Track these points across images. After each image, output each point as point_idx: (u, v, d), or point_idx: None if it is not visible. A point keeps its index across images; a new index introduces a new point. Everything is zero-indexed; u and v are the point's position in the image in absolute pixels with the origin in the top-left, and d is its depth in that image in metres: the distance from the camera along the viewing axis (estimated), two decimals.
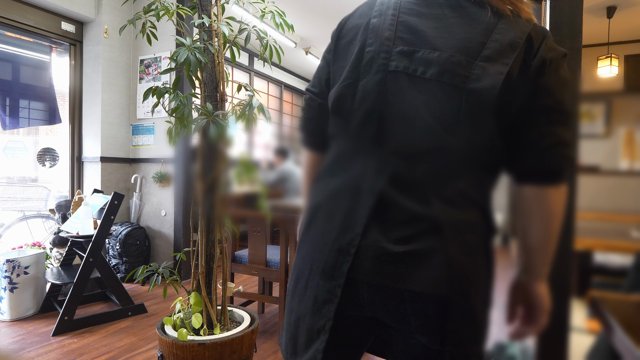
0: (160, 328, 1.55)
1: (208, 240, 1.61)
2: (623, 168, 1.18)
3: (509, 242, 2.16)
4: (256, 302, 2.60)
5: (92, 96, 3.33)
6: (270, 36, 1.67)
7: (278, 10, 1.66)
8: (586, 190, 1.05)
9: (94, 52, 3.30)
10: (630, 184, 1.19)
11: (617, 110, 1.15)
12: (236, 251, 2.29)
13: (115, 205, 2.42)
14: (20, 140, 3.34)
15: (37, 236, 3.14)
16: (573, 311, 1.02)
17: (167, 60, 3.33)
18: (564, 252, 0.95)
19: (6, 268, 2.38)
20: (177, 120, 1.57)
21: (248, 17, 1.71)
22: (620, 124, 1.11)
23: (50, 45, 3.24)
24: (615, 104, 1.18)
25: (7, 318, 2.40)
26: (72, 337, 2.19)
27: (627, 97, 1.32)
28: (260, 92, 1.75)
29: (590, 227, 1.10)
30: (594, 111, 1.16)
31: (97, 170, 3.30)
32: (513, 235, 2.16)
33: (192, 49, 1.46)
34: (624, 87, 3.58)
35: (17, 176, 3.36)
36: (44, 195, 3.19)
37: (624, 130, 1.08)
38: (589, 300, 0.96)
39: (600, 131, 1.14)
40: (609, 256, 1.05)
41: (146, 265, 1.63)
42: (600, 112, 1.16)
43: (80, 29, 3.34)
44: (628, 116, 1.12)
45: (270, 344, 2.14)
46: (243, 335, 1.52)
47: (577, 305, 1.04)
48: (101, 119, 3.29)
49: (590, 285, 1.03)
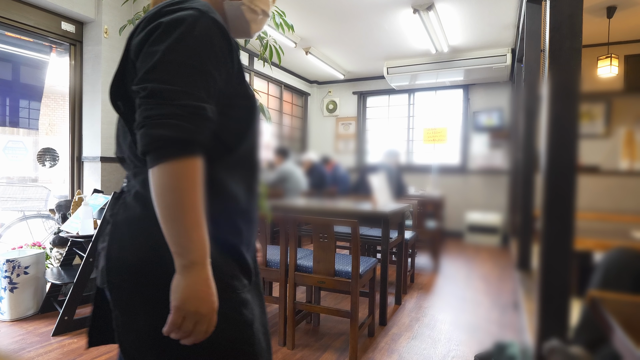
0: None
1: None
2: (623, 168, 1.18)
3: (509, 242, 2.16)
4: None
5: (92, 96, 3.33)
6: (270, 36, 1.67)
7: (278, 10, 1.66)
8: (586, 190, 1.05)
9: (94, 52, 3.31)
10: (630, 184, 1.19)
11: (617, 110, 1.15)
12: None
13: None
14: (20, 140, 3.34)
15: (37, 236, 3.14)
16: (573, 311, 1.02)
17: None
18: (564, 252, 0.95)
19: (6, 268, 2.38)
20: None
21: None
22: (620, 124, 1.11)
23: (50, 45, 3.24)
24: (615, 104, 1.17)
25: (7, 318, 2.40)
26: (72, 337, 2.19)
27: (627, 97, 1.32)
28: (260, 92, 1.75)
29: (590, 227, 1.10)
30: (594, 111, 1.16)
31: (97, 170, 3.30)
32: (512, 235, 2.16)
33: None
34: (624, 87, 3.58)
35: (17, 176, 3.36)
36: (44, 195, 3.19)
37: (624, 130, 1.08)
38: (589, 300, 0.95)
39: (600, 131, 1.14)
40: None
41: None
42: (600, 112, 1.16)
43: (80, 29, 3.34)
44: (628, 116, 1.12)
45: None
46: None
47: (577, 305, 1.04)
48: (101, 119, 3.29)
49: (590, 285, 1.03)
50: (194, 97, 0.63)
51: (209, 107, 0.64)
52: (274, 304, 2.58)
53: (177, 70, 0.63)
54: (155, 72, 0.63)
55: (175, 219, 0.60)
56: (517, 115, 1.82)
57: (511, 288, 2.09)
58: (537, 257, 1.00)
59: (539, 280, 0.98)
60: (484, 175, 4.02)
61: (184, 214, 0.60)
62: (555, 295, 0.96)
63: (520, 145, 1.95)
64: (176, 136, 0.60)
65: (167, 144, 0.60)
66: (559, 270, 0.95)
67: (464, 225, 3.02)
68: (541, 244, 0.99)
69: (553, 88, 0.98)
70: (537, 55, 2.26)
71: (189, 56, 0.64)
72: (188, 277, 0.61)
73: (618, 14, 3.36)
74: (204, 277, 0.62)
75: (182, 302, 0.60)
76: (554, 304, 0.96)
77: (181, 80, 0.63)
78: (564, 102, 0.96)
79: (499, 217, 1.98)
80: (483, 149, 3.43)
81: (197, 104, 0.62)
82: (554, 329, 0.96)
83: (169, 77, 0.62)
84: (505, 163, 2.85)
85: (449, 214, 3.72)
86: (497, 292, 2.14)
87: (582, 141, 0.95)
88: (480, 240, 2.12)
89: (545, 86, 1.01)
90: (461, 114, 4.57)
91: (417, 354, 2.07)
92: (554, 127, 0.96)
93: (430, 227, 3.19)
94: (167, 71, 0.63)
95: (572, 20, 0.99)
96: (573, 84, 0.97)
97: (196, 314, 0.61)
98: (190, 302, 0.61)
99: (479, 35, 4.26)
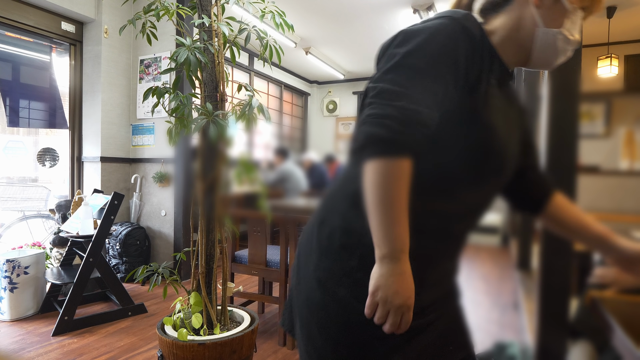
0: (160, 328, 1.55)
1: (208, 240, 1.61)
2: (623, 168, 1.18)
3: (509, 242, 2.16)
4: (256, 302, 2.60)
5: (92, 96, 3.33)
6: (270, 36, 1.67)
7: (278, 10, 1.66)
8: (586, 190, 1.05)
9: (94, 52, 3.31)
10: (630, 184, 1.19)
11: (617, 110, 1.15)
12: (236, 251, 2.29)
13: (115, 205, 2.42)
14: (20, 140, 3.34)
15: (37, 236, 3.14)
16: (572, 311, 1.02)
17: (167, 60, 3.33)
18: (564, 252, 0.96)
19: (6, 268, 2.38)
20: (177, 120, 1.57)
21: (248, 17, 1.71)
22: (620, 124, 1.11)
23: (50, 45, 3.24)
24: (615, 104, 1.18)
25: (7, 318, 2.40)
26: (72, 337, 2.19)
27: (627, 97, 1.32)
28: (260, 92, 1.75)
29: None
30: (594, 111, 1.16)
31: (97, 170, 3.30)
32: (512, 235, 2.16)
33: (192, 49, 1.46)
34: (624, 87, 3.58)
35: (17, 176, 3.36)
36: (44, 195, 3.19)
37: (624, 130, 1.08)
38: (589, 300, 0.95)
39: (600, 131, 1.14)
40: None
41: (146, 265, 1.63)
42: (600, 112, 1.16)
43: (80, 29, 3.34)
44: (628, 116, 1.12)
45: (270, 344, 2.14)
46: (243, 335, 1.52)
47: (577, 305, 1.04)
48: (101, 119, 3.29)
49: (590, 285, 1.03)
50: (415, 101, 0.63)
51: (427, 112, 0.64)
52: (274, 304, 2.58)
53: (409, 74, 0.65)
54: (389, 73, 0.66)
55: (377, 213, 0.64)
56: None
57: (511, 288, 2.09)
58: (537, 257, 1.00)
59: (539, 280, 0.98)
60: None
61: (385, 209, 0.63)
62: (555, 295, 0.96)
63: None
64: (385, 136, 0.62)
65: (376, 143, 0.63)
66: (559, 270, 0.95)
67: None
68: (541, 244, 0.99)
69: (553, 88, 0.98)
70: None
71: (425, 61, 0.66)
72: (382, 268, 0.65)
73: (618, 14, 3.36)
74: (398, 271, 0.64)
75: (375, 289, 0.65)
76: (554, 304, 0.96)
77: (409, 82, 0.64)
78: (564, 102, 0.96)
79: (499, 217, 1.98)
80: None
81: (415, 108, 0.63)
82: (554, 328, 0.96)
83: (399, 79, 0.65)
84: None
85: None
86: (497, 292, 2.13)
87: (582, 141, 0.95)
88: (480, 240, 2.12)
89: (545, 86, 1.02)
90: None
91: None
92: (554, 127, 0.97)
93: None
94: (399, 73, 0.65)
95: None
96: (573, 84, 0.97)
97: (387, 303, 0.65)
98: (381, 290, 0.65)
99: None
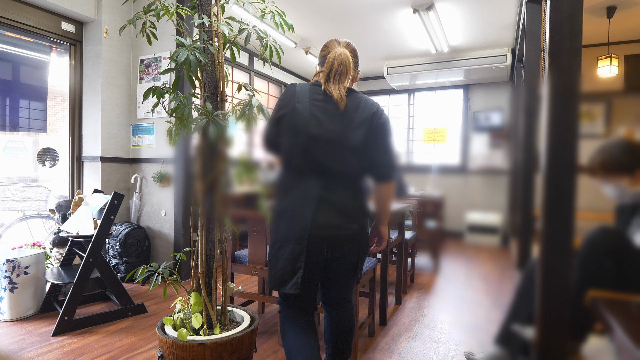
0: (160, 328, 1.55)
1: (208, 240, 1.61)
2: None
3: (509, 242, 2.17)
4: (256, 302, 2.59)
5: (92, 96, 3.33)
6: (270, 36, 1.67)
7: (278, 10, 1.66)
8: (586, 190, 1.05)
9: (94, 52, 3.31)
10: None
11: (617, 110, 1.15)
12: (236, 251, 2.29)
13: (115, 205, 2.42)
14: (20, 140, 3.34)
15: (37, 236, 3.14)
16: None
17: (167, 60, 3.33)
18: (564, 252, 0.96)
19: (6, 268, 2.38)
20: (177, 120, 1.57)
21: (248, 17, 1.71)
22: (620, 124, 1.11)
23: (50, 45, 3.24)
24: (615, 104, 1.18)
25: (7, 318, 2.40)
26: (72, 337, 2.19)
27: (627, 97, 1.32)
28: (260, 92, 1.75)
29: (590, 227, 1.10)
30: (594, 111, 1.16)
31: (97, 170, 3.30)
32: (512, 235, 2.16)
33: (192, 49, 1.46)
34: (624, 87, 3.58)
35: (17, 176, 3.36)
36: (44, 195, 3.19)
37: (624, 130, 1.08)
38: (589, 300, 0.96)
39: (600, 131, 1.14)
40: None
41: (146, 265, 1.63)
42: (600, 112, 1.16)
43: (80, 29, 3.34)
44: (628, 116, 1.12)
45: (270, 344, 2.14)
46: (243, 335, 1.52)
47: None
48: (101, 119, 3.29)
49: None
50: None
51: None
52: (274, 304, 2.58)
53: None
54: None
55: (389, 207, 1.55)
56: (517, 115, 1.82)
57: (511, 288, 2.09)
58: (537, 257, 1.00)
59: (539, 280, 0.98)
60: (484, 175, 4.01)
61: (389, 206, 1.54)
62: (555, 295, 0.96)
63: (520, 145, 1.95)
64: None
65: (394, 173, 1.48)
66: (559, 270, 0.95)
67: (464, 225, 3.01)
68: (541, 244, 0.99)
69: (553, 88, 0.98)
70: (537, 55, 2.26)
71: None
72: (385, 227, 1.58)
73: (618, 14, 3.36)
74: (387, 228, 1.60)
75: (385, 236, 1.60)
76: (554, 304, 0.96)
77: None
78: (564, 102, 0.96)
79: (499, 217, 1.97)
80: (483, 149, 3.43)
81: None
82: (554, 328, 0.96)
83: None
84: (505, 163, 2.84)
85: (449, 214, 3.71)
86: (497, 292, 2.13)
87: (582, 141, 0.95)
88: (480, 240, 2.12)
89: (545, 86, 1.01)
90: (461, 114, 4.56)
91: (417, 354, 2.07)
92: (554, 127, 0.96)
93: (430, 227, 3.19)
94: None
95: (572, 20, 0.99)
96: (573, 84, 0.97)
97: (385, 240, 1.61)
98: (386, 237, 1.60)
99: (479, 35, 4.26)
